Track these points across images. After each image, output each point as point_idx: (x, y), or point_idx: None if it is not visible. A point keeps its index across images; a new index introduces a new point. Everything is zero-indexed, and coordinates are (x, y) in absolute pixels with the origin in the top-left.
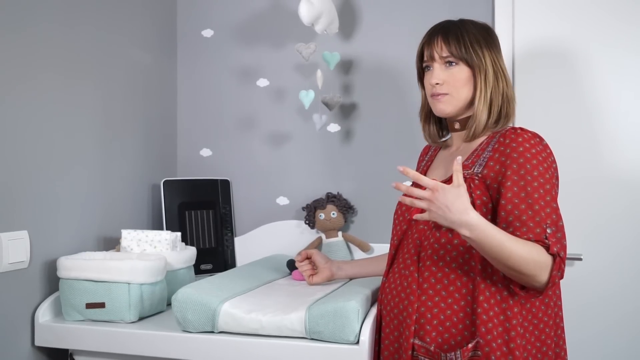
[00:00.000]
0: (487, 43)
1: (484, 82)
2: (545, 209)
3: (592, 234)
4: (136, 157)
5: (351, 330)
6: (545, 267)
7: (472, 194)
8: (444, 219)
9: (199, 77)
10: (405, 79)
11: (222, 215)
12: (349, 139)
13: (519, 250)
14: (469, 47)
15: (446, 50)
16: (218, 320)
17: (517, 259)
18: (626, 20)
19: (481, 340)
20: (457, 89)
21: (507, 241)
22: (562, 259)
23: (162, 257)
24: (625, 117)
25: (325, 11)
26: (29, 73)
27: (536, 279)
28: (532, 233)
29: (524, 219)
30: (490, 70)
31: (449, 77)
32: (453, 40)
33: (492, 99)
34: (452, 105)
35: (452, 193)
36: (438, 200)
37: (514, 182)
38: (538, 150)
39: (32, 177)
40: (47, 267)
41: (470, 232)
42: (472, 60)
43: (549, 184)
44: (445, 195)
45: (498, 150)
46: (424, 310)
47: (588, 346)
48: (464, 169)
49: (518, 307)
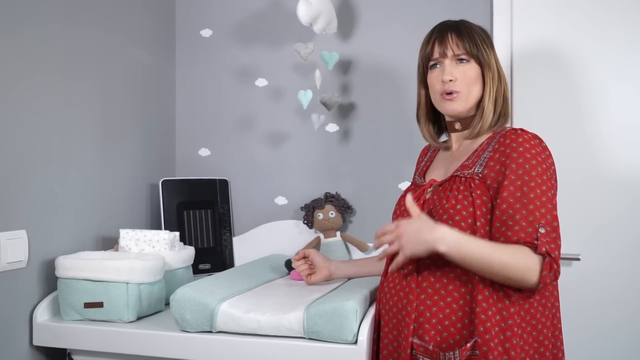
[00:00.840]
0: (489, 43)
1: (492, 80)
2: (540, 209)
3: (590, 234)
4: (135, 156)
5: (349, 330)
6: (532, 269)
7: (472, 194)
8: (418, 244)
9: (197, 76)
10: (403, 79)
11: (220, 215)
12: (348, 139)
13: (500, 256)
14: (479, 45)
15: (461, 47)
16: (216, 320)
17: (499, 265)
18: (624, 20)
19: (479, 339)
20: (468, 87)
21: (485, 248)
22: (554, 259)
23: (161, 257)
24: (624, 117)
25: (323, 11)
26: (27, 72)
27: (525, 282)
28: (524, 232)
29: (517, 218)
30: (495, 69)
31: (460, 75)
32: (466, 37)
33: (497, 97)
34: (464, 103)
35: (416, 220)
36: (406, 232)
37: (512, 181)
38: (538, 151)
39: (31, 176)
40: (46, 267)
41: (447, 246)
42: (483, 58)
43: (547, 184)
44: (410, 224)
45: (498, 150)
46: (423, 309)
47: (586, 347)
48: (464, 169)
49: (515, 308)
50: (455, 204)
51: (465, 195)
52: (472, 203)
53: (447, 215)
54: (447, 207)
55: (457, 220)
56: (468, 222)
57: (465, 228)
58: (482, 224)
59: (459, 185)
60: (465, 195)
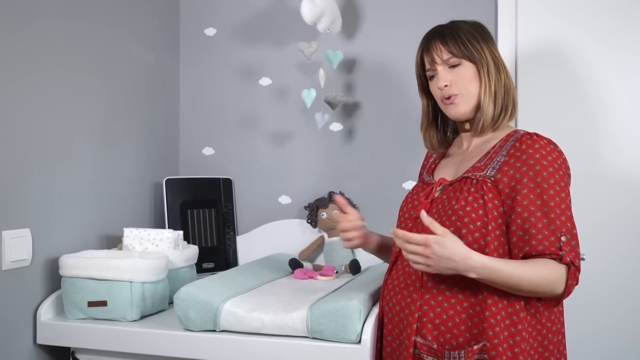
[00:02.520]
0: (482, 37)
1: (487, 75)
2: (560, 217)
3: (593, 234)
4: (138, 155)
5: (353, 330)
6: (559, 281)
7: (484, 196)
8: (448, 269)
9: (201, 75)
10: (407, 78)
11: (224, 214)
12: (352, 137)
13: (527, 275)
14: (467, 44)
15: (446, 52)
16: (220, 319)
17: (526, 284)
18: (628, 21)
19: (488, 343)
20: (466, 87)
21: (513, 271)
22: (577, 267)
23: (164, 256)
24: (628, 117)
25: (327, 10)
26: (32, 71)
27: (552, 294)
28: (547, 241)
29: (539, 226)
30: (492, 62)
31: (455, 78)
32: (450, 40)
33: (496, 91)
34: (465, 103)
35: (446, 242)
36: (436, 254)
37: (530, 189)
38: (554, 157)
39: (35, 175)
40: (49, 265)
41: (477, 274)
42: (473, 56)
43: (565, 192)
44: (442, 246)
45: (513, 155)
46: (426, 308)
47: (588, 345)
48: (475, 170)
49: (524, 312)
50: (464, 206)
51: (476, 197)
52: (483, 206)
53: (456, 217)
54: (457, 208)
55: (465, 222)
56: (477, 225)
57: (473, 231)
58: (492, 228)
59: (470, 187)
60: (476, 198)
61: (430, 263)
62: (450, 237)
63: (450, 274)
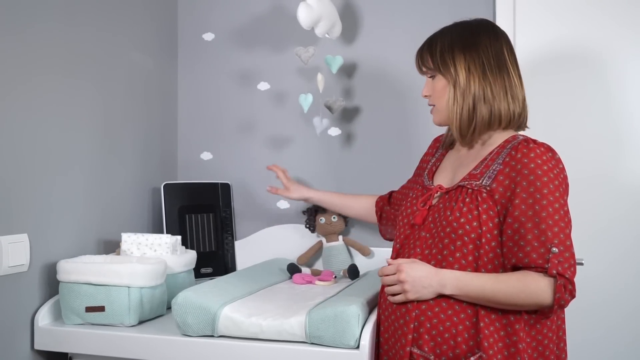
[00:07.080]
0: (463, 46)
1: (454, 88)
2: (552, 228)
3: (592, 238)
4: (136, 160)
5: (351, 335)
6: (543, 293)
7: (479, 207)
8: (426, 290)
9: (199, 80)
10: (406, 82)
11: (222, 219)
12: (350, 142)
13: (502, 288)
14: (436, 57)
15: (422, 65)
16: (218, 324)
17: (503, 297)
18: (627, 23)
19: (484, 355)
20: (439, 99)
21: (485, 284)
22: (568, 280)
23: (162, 261)
24: (628, 120)
25: (325, 15)
26: (29, 75)
27: (539, 306)
28: (536, 253)
29: (529, 238)
30: (463, 73)
31: (431, 89)
32: (426, 53)
33: (475, 102)
34: (440, 115)
35: (416, 264)
36: (410, 276)
37: (523, 199)
38: (550, 166)
39: (32, 180)
40: (47, 271)
41: (450, 288)
42: (443, 69)
43: (559, 202)
44: (413, 267)
45: (509, 164)
46: (423, 319)
47: (589, 350)
48: (471, 179)
49: (520, 324)
50: (459, 217)
51: (471, 208)
52: (478, 218)
53: (451, 229)
54: (451, 219)
55: (460, 234)
56: (471, 237)
57: (468, 243)
58: (487, 240)
59: (465, 197)
60: (471, 209)
61: (407, 288)
62: (415, 261)
63: (430, 294)
